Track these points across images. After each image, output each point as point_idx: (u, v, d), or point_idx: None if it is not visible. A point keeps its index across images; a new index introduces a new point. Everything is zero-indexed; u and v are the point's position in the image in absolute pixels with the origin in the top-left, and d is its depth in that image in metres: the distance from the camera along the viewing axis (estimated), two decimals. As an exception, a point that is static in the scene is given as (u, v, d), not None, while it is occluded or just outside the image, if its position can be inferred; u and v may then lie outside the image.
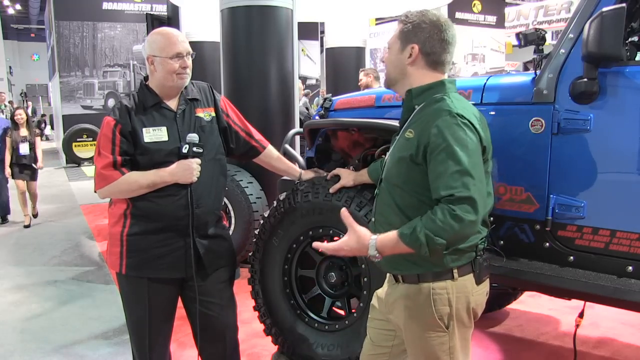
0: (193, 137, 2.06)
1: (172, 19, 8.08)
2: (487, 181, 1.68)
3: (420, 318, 1.67)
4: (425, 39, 1.65)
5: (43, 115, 24.07)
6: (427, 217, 1.51)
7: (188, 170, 2.02)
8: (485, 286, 1.74)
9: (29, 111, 15.32)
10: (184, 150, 2.03)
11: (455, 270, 1.64)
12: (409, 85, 1.71)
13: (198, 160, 2.05)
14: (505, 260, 2.32)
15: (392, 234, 1.56)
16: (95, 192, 2.07)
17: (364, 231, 1.62)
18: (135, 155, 2.03)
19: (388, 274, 1.82)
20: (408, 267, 1.67)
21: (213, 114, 2.20)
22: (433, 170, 1.54)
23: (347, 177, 2.38)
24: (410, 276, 1.68)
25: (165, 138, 2.05)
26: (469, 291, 1.66)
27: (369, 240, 1.59)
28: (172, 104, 2.11)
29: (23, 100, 31.09)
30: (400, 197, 1.65)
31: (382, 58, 1.81)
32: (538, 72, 2.26)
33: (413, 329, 1.70)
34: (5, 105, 11.58)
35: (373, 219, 1.81)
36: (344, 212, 1.67)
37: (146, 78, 2.14)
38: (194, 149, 2.04)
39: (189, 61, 2.07)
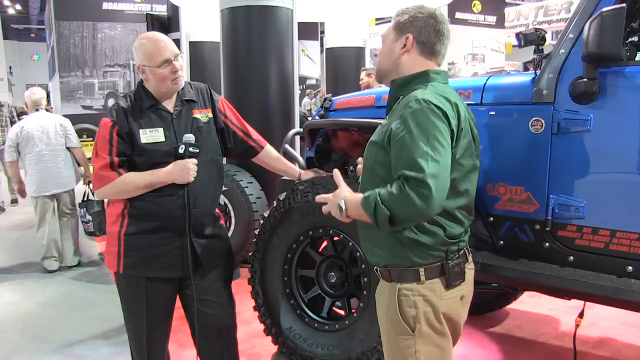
0: (189, 137, 2.06)
1: (172, 19, 8.10)
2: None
3: (389, 317, 1.66)
4: (421, 27, 1.67)
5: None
6: (386, 187, 1.52)
7: (185, 170, 2.03)
8: (459, 291, 1.67)
9: None
10: (181, 151, 2.04)
11: (422, 272, 1.61)
12: (400, 75, 1.70)
13: (194, 161, 2.06)
14: (505, 260, 2.32)
15: (359, 195, 1.58)
16: (92, 192, 2.08)
17: (345, 188, 1.64)
18: (132, 156, 2.04)
19: None
20: (372, 253, 1.69)
21: (210, 115, 2.21)
22: (394, 152, 1.55)
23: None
24: (384, 272, 1.68)
25: (162, 139, 2.06)
26: (437, 295, 1.61)
27: (342, 195, 1.61)
28: (169, 105, 2.12)
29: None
30: (374, 179, 1.64)
31: (376, 52, 1.82)
32: (538, 72, 2.26)
33: (384, 327, 1.70)
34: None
35: None
36: (335, 172, 1.70)
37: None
38: (190, 149, 2.05)
39: (178, 64, 2.06)
